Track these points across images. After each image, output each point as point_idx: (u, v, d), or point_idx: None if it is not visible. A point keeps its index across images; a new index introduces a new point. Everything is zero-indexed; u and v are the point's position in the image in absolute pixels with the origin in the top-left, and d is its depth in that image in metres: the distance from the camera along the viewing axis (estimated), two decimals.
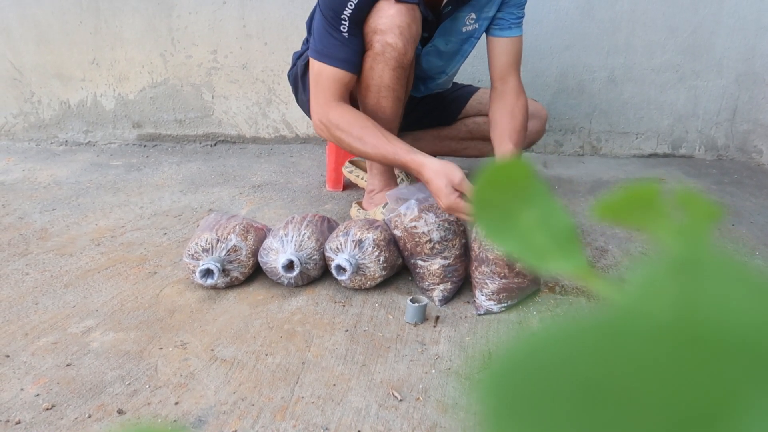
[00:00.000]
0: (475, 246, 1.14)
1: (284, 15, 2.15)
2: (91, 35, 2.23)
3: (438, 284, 1.16)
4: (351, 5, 1.25)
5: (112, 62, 2.26)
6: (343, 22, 1.27)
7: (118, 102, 2.31)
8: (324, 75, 1.31)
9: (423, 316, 1.09)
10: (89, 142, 2.35)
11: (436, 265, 1.15)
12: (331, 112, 1.30)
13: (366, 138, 1.27)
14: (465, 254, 1.18)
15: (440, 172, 1.14)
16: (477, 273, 1.14)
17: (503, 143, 1.37)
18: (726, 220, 1.64)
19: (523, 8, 1.45)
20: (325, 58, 1.30)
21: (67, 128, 2.35)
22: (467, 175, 1.16)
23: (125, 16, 2.20)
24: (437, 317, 1.12)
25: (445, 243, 1.15)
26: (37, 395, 0.89)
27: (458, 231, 1.16)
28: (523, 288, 1.15)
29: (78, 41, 2.24)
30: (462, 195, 1.13)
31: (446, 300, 1.17)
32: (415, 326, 1.08)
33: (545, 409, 0.07)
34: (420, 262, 1.17)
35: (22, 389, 0.90)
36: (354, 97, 1.44)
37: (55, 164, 2.08)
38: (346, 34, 1.28)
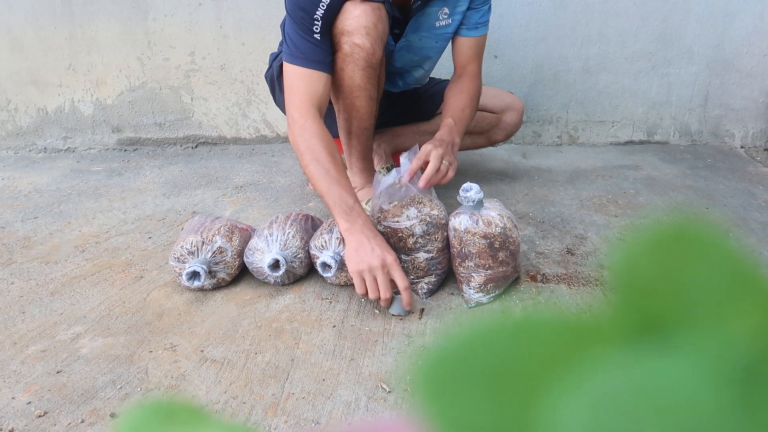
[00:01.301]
0: (455, 242, 1.16)
1: (260, 15, 2.15)
2: (66, 41, 2.21)
3: (422, 277, 1.18)
4: (323, 6, 1.27)
5: (89, 67, 2.25)
6: (316, 22, 1.28)
7: (96, 107, 2.30)
8: (299, 78, 1.28)
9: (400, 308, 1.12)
10: (68, 148, 2.34)
11: (419, 258, 1.17)
12: (308, 121, 1.24)
13: (314, 168, 1.21)
14: (447, 247, 1.20)
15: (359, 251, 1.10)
16: (461, 268, 1.16)
17: (444, 118, 1.42)
18: (700, 204, 1.69)
19: (489, 3, 1.49)
20: (300, 60, 1.28)
21: (46, 135, 2.33)
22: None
23: (100, 21, 2.18)
24: (422, 309, 1.14)
25: (427, 237, 1.17)
26: (29, 403, 0.89)
27: (440, 225, 1.18)
28: (508, 275, 1.17)
29: (53, 47, 2.22)
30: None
31: (431, 293, 1.19)
32: (401, 320, 1.10)
33: (462, 386, 0.10)
34: (404, 257, 1.19)
35: (13, 397, 0.91)
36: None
37: (35, 172, 2.06)
38: (318, 36, 1.28)
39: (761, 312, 0.09)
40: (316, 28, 1.28)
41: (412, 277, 1.19)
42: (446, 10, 1.45)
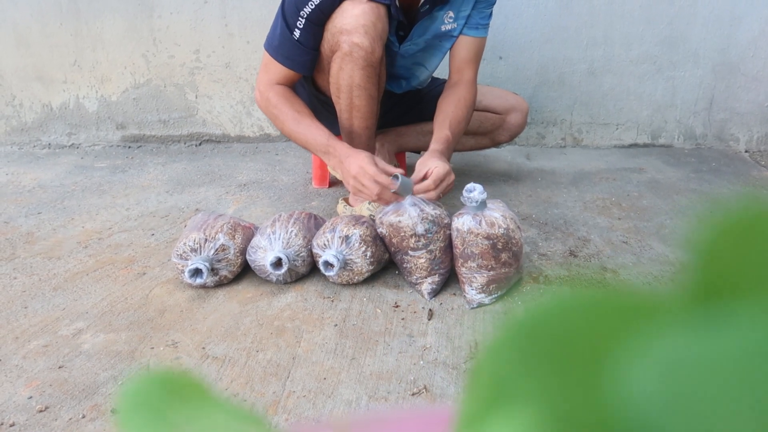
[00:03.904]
0: (458, 242, 1.15)
1: (266, 13, 2.15)
2: (71, 37, 2.21)
3: (426, 277, 1.18)
4: (312, 4, 1.28)
5: (94, 64, 2.25)
6: (300, 19, 1.31)
7: (100, 104, 2.30)
8: (271, 65, 1.42)
9: (410, 188, 1.21)
10: (73, 144, 2.34)
11: (422, 258, 1.17)
12: (272, 91, 1.41)
13: (300, 119, 1.38)
14: (450, 247, 1.19)
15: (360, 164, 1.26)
16: (464, 269, 1.15)
17: (441, 130, 1.41)
18: (704, 207, 1.68)
19: (492, 8, 1.48)
20: (274, 52, 1.40)
21: (50, 131, 2.34)
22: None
23: (106, 18, 2.19)
24: (430, 311, 1.14)
25: (429, 236, 1.16)
26: (30, 397, 0.89)
27: (442, 223, 1.18)
28: (510, 276, 1.17)
29: (58, 43, 2.22)
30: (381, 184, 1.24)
31: (435, 292, 1.19)
32: (404, 319, 1.10)
33: (533, 359, 0.10)
34: (406, 257, 1.19)
35: (15, 392, 0.91)
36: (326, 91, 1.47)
37: (39, 167, 2.07)
38: (297, 33, 1.33)
39: None
40: (300, 23, 1.31)
41: (415, 277, 1.19)
42: (451, 14, 1.45)
